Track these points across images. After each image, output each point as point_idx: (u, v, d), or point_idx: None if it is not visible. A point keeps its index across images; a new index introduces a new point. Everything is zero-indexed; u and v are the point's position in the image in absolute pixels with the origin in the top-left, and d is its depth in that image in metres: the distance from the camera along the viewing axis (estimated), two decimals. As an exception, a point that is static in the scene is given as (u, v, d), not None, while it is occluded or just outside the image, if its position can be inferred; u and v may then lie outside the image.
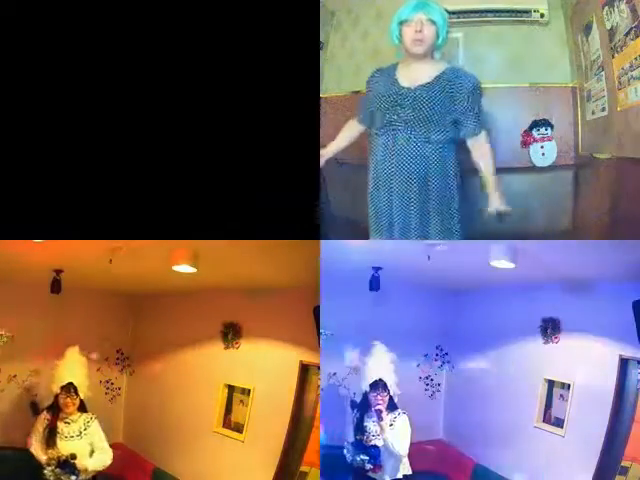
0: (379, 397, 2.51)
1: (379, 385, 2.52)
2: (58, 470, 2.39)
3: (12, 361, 3.01)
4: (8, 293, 2.92)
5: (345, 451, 2.53)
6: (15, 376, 3.06)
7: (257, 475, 2.75)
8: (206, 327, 3.17)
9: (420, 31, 2.13)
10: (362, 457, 2.43)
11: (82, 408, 2.64)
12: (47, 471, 2.40)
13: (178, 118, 2.20)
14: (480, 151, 2.30)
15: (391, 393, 2.54)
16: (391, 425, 2.48)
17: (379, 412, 2.48)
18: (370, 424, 2.51)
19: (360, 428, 2.52)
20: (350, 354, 3.00)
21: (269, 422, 2.83)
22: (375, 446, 2.45)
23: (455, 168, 2.32)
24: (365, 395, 2.58)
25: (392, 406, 2.54)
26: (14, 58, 2.14)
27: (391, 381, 2.54)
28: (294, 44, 2.24)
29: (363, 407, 2.57)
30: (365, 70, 3.59)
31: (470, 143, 2.30)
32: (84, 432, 2.59)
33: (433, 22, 2.15)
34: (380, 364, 2.58)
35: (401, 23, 2.18)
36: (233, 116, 2.23)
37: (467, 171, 2.38)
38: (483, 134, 2.29)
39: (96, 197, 2.18)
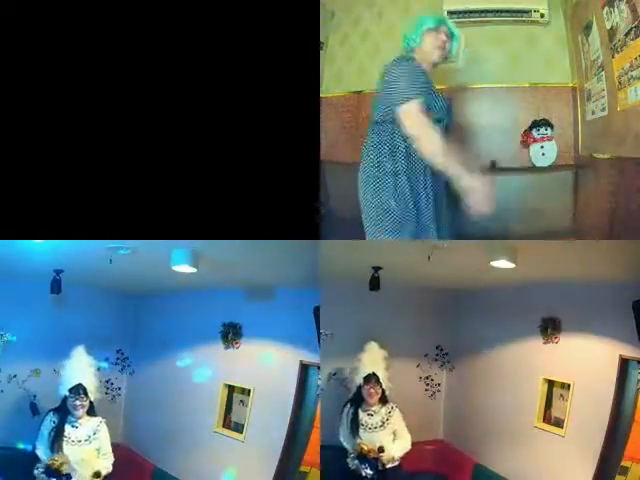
0: (372, 389, 2.65)
1: (372, 378, 2.66)
2: (44, 476, 2.27)
3: (12, 361, 3.01)
4: (8, 293, 2.93)
5: (348, 460, 2.60)
6: (15, 376, 3.06)
7: (257, 475, 2.75)
8: (206, 327, 3.17)
9: (446, 40, 2.30)
10: (362, 467, 2.54)
11: (91, 411, 2.50)
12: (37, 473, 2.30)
13: (178, 117, 2.20)
14: None
15: (383, 386, 2.68)
16: (387, 420, 2.64)
17: (372, 404, 2.64)
18: (365, 417, 2.65)
19: (355, 422, 2.63)
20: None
21: (269, 422, 2.83)
22: (376, 459, 2.52)
23: None
24: (359, 388, 2.70)
25: (384, 399, 2.69)
26: (14, 58, 2.14)
27: (383, 375, 2.68)
28: (294, 44, 2.24)
29: (357, 400, 2.70)
30: (365, 70, 3.62)
31: None
32: (93, 437, 2.45)
33: (452, 37, 2.33)
34: (373, 360, 2.71)
35: (427, 30, 2.30)
36: (233, 116, 2.23)
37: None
38: None
39: (96, 197, 2.17)
